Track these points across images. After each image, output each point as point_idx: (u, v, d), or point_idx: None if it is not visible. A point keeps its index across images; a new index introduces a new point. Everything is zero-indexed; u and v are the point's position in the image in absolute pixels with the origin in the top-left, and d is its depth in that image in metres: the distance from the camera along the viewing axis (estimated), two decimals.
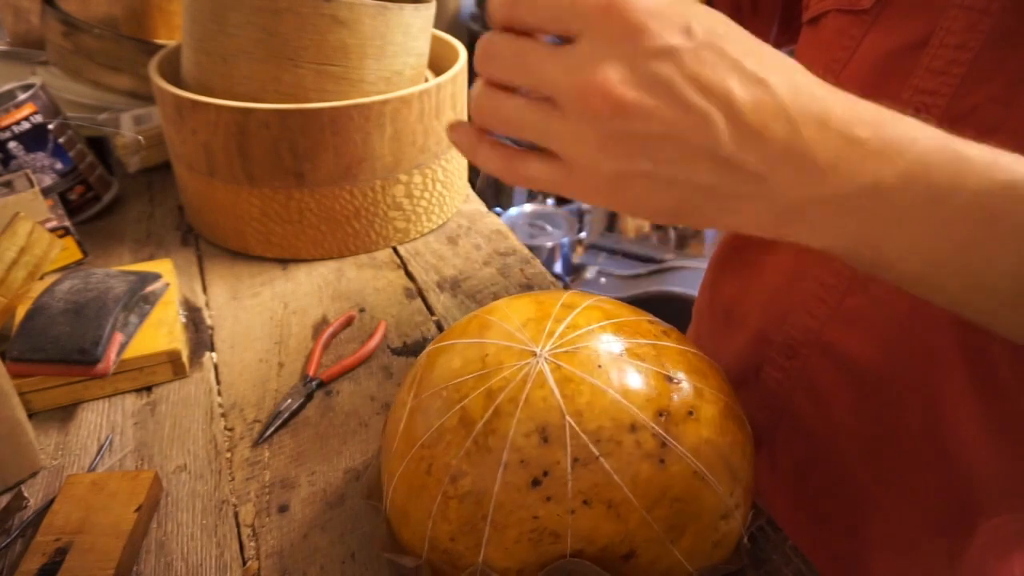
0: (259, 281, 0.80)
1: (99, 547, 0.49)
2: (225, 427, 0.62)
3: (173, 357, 0.65)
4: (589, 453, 0.40)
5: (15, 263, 0.65)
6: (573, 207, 2.30)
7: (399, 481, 0.45)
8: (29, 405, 0.61)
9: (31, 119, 0.82)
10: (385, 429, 0.50)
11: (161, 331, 0.66)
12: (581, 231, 2.27)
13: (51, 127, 0.83)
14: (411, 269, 0.83)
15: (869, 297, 0.53)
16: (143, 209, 0.93)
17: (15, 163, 0.82)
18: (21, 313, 0.64)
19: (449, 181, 0.88)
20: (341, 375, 0.67)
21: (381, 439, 0.51)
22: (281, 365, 0.69)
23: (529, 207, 2.26)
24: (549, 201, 2.34)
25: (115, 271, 0.69)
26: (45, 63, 1.03)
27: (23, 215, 0.66)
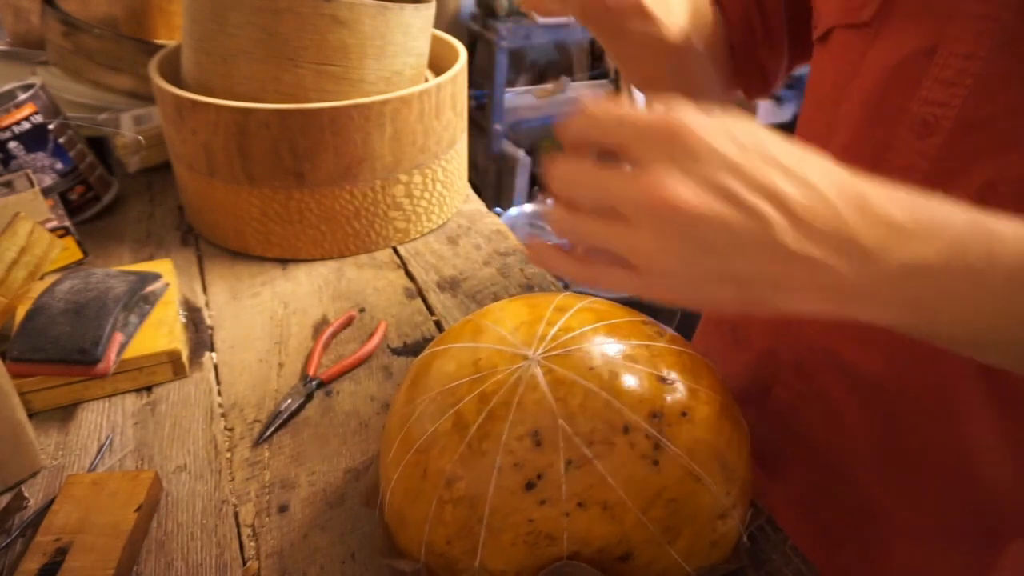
0: (259, 281, 0.81)
1: (99, 547, 0.49)
2: (225, 427, 0.62)
3: (173, 357, 0.66)
4: (582, 455, 0.40)
5: (15, 263, 0.65)
6: None
7: (396, 485, 0.45)
8: (29, 405, 0.61)
9: (31, 119, 0.82)
10: (382, 433, 0.50)
11: (161, 331, 0.67)
12: None
13: (51, 127, 0.84)
14: (411, 269, 0.83)
15: None
16: (143, 209, 0.93)
17: (15, 163, 0.82)
18: (21, 313, 0.64)
19: (449, 181, 0.88)
20: (341, 375, 0.67)
21: (379, 443, 0.52)
22: (281, 365, 0.69)
23: (529, 207, 2.25)
24: (549, 201, 2.33)
25: (115, 271, 0.70)
26: (45, 63, 1.03)
27: (23, 215, 0.66)
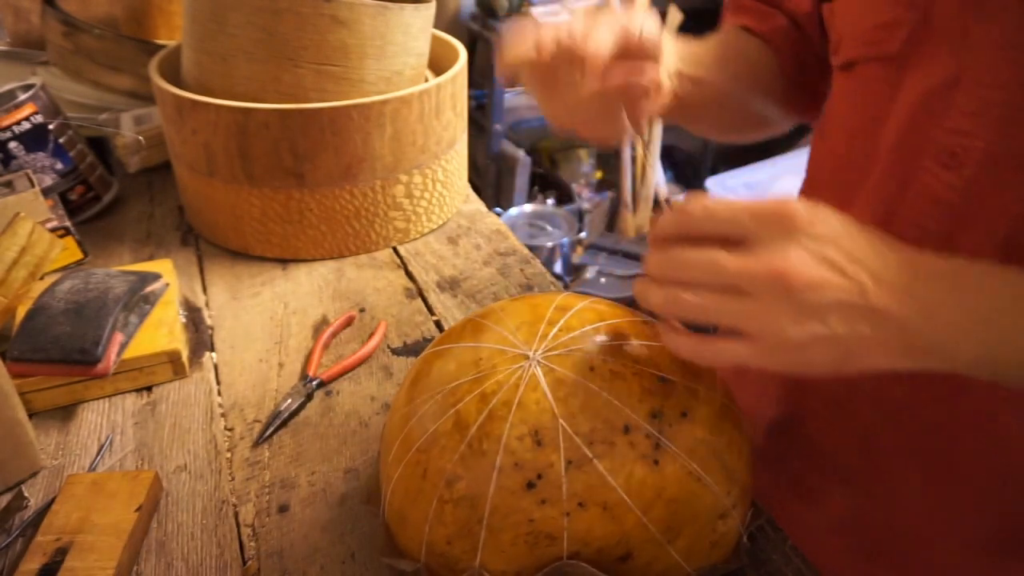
0: (259, 281, 0.81)
1: (99, 547, 0.49)
2: (225, 427, 0.62)
3: (173, 357, 0.66)
4: (583, 455, 0.40)
5: (16, 263, 0.65)
6: (573, 207, 2.29)
7: (396, 485, 0.45)
8: (29, 405, 0.61)
9: (31, 119, 0.82)
10: (383, 433, 0.50)
11: (161, 331, 0.67)
12: (581, 231, 2.26)
13: (51, 127, 0.84)
14: (411, 269, 0.83)
15: None
16: (143, 209, 0.93)
17: (15, 163, 0.82)
18: (21, 313, 0.64)
19: (449, 181, 0.88)
20: (341, 375, 0.67)
21: (380, 443, 0.52)
22: (281, 365, 0.69)
23: (529, 207, 2.24)
24: (549, 201, 2.33)
25: (115, 271, 0.70)
26: (45, 63, 1.03)
27: (24, 215, 0.66)
